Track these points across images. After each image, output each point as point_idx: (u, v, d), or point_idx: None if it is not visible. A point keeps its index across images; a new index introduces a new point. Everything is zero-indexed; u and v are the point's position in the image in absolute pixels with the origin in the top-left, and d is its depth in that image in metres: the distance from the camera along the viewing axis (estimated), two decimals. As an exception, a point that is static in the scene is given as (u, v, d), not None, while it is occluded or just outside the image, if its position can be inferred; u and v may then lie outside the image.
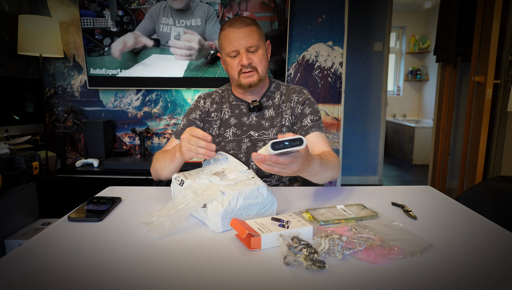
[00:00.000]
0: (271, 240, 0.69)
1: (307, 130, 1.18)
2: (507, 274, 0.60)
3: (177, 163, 1.04)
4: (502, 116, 2.48)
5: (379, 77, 3.73)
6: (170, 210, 0.77)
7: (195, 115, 1.27)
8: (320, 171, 0.91)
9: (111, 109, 2.74)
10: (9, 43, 2.40)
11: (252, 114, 1.25)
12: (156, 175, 1.16)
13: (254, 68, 1.16)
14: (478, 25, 2.50)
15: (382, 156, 3.87)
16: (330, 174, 1.01)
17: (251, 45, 1.13)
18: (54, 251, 0.69)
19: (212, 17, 2.52)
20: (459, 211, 0.92)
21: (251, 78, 1.17)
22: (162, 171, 1.11)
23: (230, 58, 1.16)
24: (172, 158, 1.03)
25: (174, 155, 1.01)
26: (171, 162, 1.04)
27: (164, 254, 0.68)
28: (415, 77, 5.52)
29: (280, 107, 1.25)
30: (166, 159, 1.07)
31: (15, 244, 1.81)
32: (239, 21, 1.14)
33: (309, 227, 0.72)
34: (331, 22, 2.67)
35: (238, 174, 0.88)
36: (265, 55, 1.19)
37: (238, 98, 1.27)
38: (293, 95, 1.25)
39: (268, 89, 1.27)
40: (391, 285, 0.57)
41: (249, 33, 1.13)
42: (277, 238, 0.68)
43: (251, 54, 1.15)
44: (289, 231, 0.69)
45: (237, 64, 1.15)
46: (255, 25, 1.16)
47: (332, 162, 1.02)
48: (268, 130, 1.23)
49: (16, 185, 1.86)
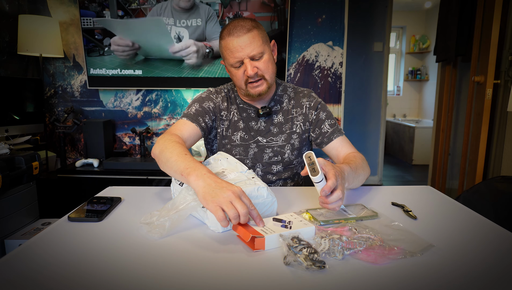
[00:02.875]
0: (274, 240, 0.69)
1: (330, 136, 1.16)
2: (507, 274, 0.60)
3: (182, 181, 0.87)
4: (502, 116, 2.48)
5: (379, 77, 3.73)
6: (170, 210, 0.77)
7: (209, 105, 1.16)
8: (355, 177, 0.98)
9: (111, 109, 2.74)
10: (9, 43, 2.40)
11: (260, 120, 1.19)
12: (155, 158, 0.99)
13: (261, 77, 1.08)
14: (478, 25, 2.50)
15: (382, 156, 3.87)
16: (364, 175, 1.06)
17: (255, 53, 1.04)
18: (54, 251, 0.68)
19: (212, 18, 2.53)
20: (459, 211, 0.92)
21: (260, 88, 1.10)
22: (163, 166, 0.94)
23: (234, 68, 1.09)
24: (178, 175, 0.84)
25: (187, 177, 0.80)
26: (176, 174, 0.86)
27: (163, 254, 0.68)
28: (415, 77, 5.52)
29: (290, 113, 1.20)
30: (172, 164, 0.87)
31: (15, 244, 1.81)
32: (239, 28, 1.04)
33: (311, 227, 0.73)
34: (331, 22, 2.67)
35: (238, 174, 0.88)
36: (271, 59, 1.11)
37: (245, 102, 1.21)
38: (303, 100, 1.20)
39: (276, 93, 1.22)
40: (391, 285, 0.57)
41: (251, 40, 1.03)
42: (279, 238, 0.68)
43: (256, 62, 1.06)
44: (291, 232, 0.69)
45: (243, 75, 1.08)
46: (257, 28, 1.06)
47: (360, 164, 1.05)
48: (277, 136, 1.19)
49: (16, 185, 1.86)
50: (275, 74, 1.15)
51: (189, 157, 0.87)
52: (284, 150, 1.19)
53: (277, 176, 1.21)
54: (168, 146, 0.94)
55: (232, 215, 0.68)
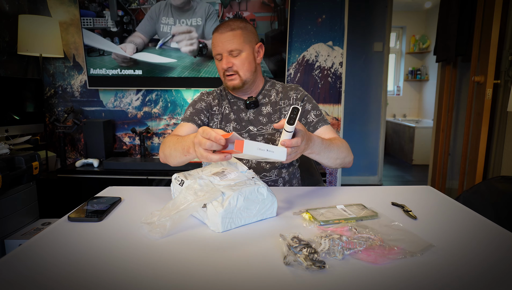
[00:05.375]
0: (253, 147, 0.76)
1: (315, 125, 1.22)
2: (507, 274, 0.60)
3: (190, 157, 1.00)
4: (502, 116, 2.48)
5: (379, 77, 3.73)
6: (171, 210, 0.77)
7: (201, 105, 1.28)
8: (323, 149, 1.00)
9: (111, 109, 2.74)
10: (9, 43, 2.40)
11: (249, 111, 1.28)
12: (164, 159, 1.13)
13: (235, 72, 1.19)
14: (478, 25, 2.50)
15: (382, 156, 3.87)
16: (337, 154, 1.07)
17: (232, 49, 1.16)
18: (54, 251, 0.69)
19: (212, 16, 2.53)
20: (459, 211, 0.92)
21: (233, 82, 1.21)
22: (171, 159, 1.08)
23: (217, 61, 1.23)
24: (185, 152, 0.98)
25: (188, 150, 0.96)
26: (183, 155, 1.00)
27: (163, 254, 0.68)
28: (415, 77, 5.52)
29: (278, 104, 1.27)
30: (178, 149, 1.02)
31: (15, 244, 1.81)
32: (224, 26, 1.17)
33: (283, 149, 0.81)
34: (331, 22, 2.67)
35: (238, 174, 0.88)
36: (250, 59, 1.20)
37: (235, 97, 1.30)
38: (291, 92, 1.28)
39: (264, 88, 1.31)
40: (391, 285, 0.57)
41: (231, 37, 1.16)
42: (257, 148, 0.76)
43: (232, 58, 1.18)
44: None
45: (221, 68, 1.20)
46: (242, 29, 1.18)
47: (336, 143, 1.08)
48: (266, 125, 1.26)
49: (16, 185, 1.86)
50: (253, 73, 1.23)
51: (180, 138, 1.02)
52: (275, 137, 1.25)
53: (271, 163, 1.25)
54: (170, 145, 1.07)
55: (208, 155, 0.82)
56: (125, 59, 2.57)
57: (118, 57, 2.57)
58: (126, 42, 2.54)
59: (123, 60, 2.57)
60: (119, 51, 2.55)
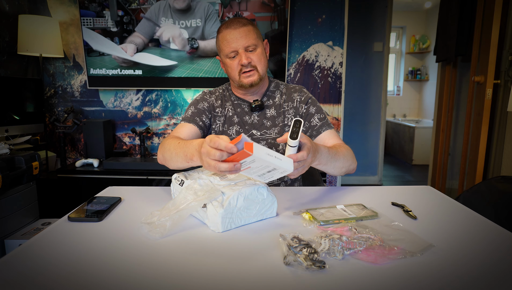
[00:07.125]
0: (262, 151, 0.71)
1: (318, 130, 1.20)
2: (507, 274, 0.60)
3: (193, 164, 0.97)
4: (502, 116, 2.48)
5: (379, 77, 3.73)
6: (171, 210, 0.77)
7: (204, 105, 1.24)
8: (330, 159, 0.97)
9: (111, 109, 2.74)
10: (9, 43, 2.40)
11: (254, 114, 1.25)
12: (163, 161, 1.09)
13: (254, 67, 1.16)
14: (478, 25, 2.50)
15: (382, 156, 3.87)
16: (343, 163, 1.05)
17: (249, 44, 1.14)
18: (54, 251, 0.69)
19: (212, 16, 2.52)
20: (459, 211, 0.92)
21: (252, 78, 1.17)
22: (171, 163, 1.04)
23: (229, 59, 1.17)
24: (187, 159, 0.93)
25: (192, 158, 0.90)
26: (186, 162, 0.95)
27: (163, 254, 0.68)
28: (415, 77, 5.52)
29: (282, 106, 1.25)
30: (180, 155, 0.96)
31: (15, 244, 1.81)
32: (235, 22, 1.14)
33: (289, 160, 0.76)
34: (331, 22, 2.67)
35: (238, 174, 0.88)
36: (264, 54, 1.19)
37: (239, 98, 1.27)
38: (295, 94, 1.26)
39: (268, 89, 1.28)
40: (391, 285, 0.57)
41: (246, 32, 1.13)
42: (266, 153, 0.71)
43: (249, 54, 1.15)
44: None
45: (237, 65, 1.15)
46: (252, 25, 1.16)
47: (342, 151, 1.06)
48: (270, 129, 1.23)
49: (16, 185, 1.86)
50: (266, 69, 1.21)
51: (182, 143, 0.97)
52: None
53: None
54: (170, 148, 1.03)
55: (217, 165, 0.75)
56: (126, 59, 2.57)
57: (119, 57, 2.57)
58: (126, 42, 2.54)
59: (123, 60, 2.58)
60: (120, 53, 2.55)
